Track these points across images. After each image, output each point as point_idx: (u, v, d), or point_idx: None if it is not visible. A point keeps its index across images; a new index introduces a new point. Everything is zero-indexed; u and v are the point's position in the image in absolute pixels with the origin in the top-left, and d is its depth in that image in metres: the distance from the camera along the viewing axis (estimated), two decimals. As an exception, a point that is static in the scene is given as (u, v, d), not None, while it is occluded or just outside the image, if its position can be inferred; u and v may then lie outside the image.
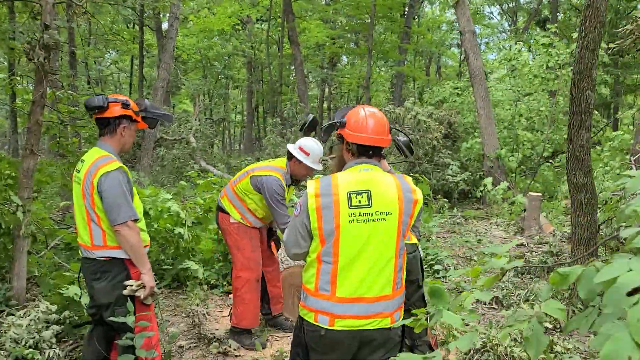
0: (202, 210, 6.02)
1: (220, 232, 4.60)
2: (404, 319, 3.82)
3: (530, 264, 4.27)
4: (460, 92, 14.84)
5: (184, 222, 5.52)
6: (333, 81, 26.53)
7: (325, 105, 29.22)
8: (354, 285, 2.28)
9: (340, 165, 2.64)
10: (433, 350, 3.75)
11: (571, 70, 12.26)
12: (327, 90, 28.60)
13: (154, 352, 2.98)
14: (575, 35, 12.60)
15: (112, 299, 2.99)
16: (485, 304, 5.45)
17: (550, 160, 12.93)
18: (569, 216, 10.40)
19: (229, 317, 4.64)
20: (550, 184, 12.51)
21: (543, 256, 6.44)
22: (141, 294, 2.99)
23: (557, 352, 3.99)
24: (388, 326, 2.33)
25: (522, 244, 8.26)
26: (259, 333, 4.60)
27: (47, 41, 4.38)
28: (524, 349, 3.99)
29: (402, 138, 3.37)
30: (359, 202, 2.31)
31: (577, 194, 4.88)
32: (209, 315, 5.03)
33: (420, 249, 3.80)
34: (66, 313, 4.28)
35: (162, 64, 11.34)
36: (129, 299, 2.97)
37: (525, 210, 9.84)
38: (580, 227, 4.90)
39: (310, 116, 3.78)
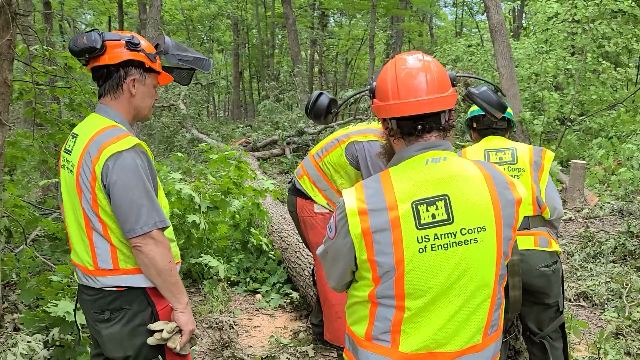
0: (214, 191, 4.92)
1: (298, 224, 3.38)
2: (537, 357, 2.86)
3: None
4: (474, 51, 13.69)
5: (197, 207, 4.42)
6: (324, 42, 25.13)
7: (315, 69, 27.81)
8: (427, 337, 1.48)
9: (390, 158, 1.63)
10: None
11: (599, 24, 11.29)
12: (316, 53, 27.18)
13: None
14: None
15: (131, 352, 1.90)
16: (570, 301, 4.49)
17: (569, 124, 11.94)
18: (606, 184, 9.62)
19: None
20: (575, 149, 11.54)
21: (619, 237, 5.46)
22: (176, 342, 1.91)
23: None
24: None
25: (570, 219, 7.32)
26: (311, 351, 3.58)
27: (12, -31, 3.19)
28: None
29: (480, 90, 1.94)
30: (433, 216, 1.45)
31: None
32: (236, 325, 4.00)
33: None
34: (55, 333, 3.23)
35: (149, 21, 10.03)
36: (158, 350, 1.91)
37: (559, 181, 8.93)
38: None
39: (316, 93, 2.47)
